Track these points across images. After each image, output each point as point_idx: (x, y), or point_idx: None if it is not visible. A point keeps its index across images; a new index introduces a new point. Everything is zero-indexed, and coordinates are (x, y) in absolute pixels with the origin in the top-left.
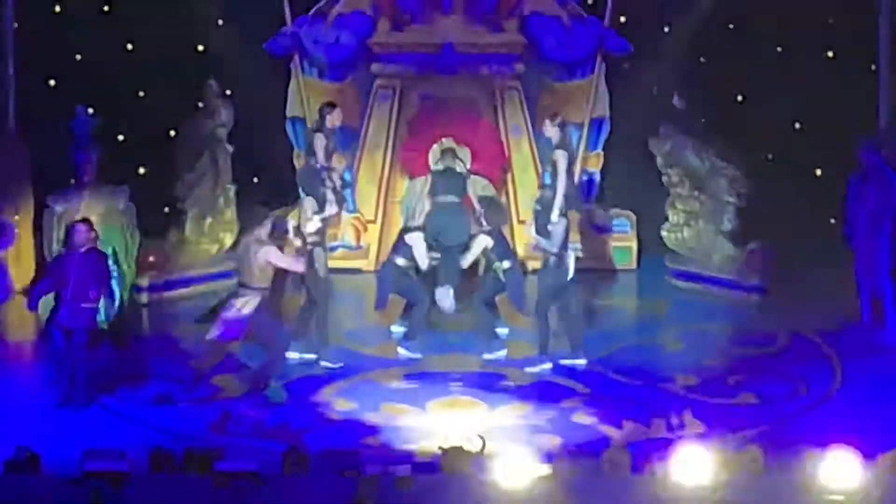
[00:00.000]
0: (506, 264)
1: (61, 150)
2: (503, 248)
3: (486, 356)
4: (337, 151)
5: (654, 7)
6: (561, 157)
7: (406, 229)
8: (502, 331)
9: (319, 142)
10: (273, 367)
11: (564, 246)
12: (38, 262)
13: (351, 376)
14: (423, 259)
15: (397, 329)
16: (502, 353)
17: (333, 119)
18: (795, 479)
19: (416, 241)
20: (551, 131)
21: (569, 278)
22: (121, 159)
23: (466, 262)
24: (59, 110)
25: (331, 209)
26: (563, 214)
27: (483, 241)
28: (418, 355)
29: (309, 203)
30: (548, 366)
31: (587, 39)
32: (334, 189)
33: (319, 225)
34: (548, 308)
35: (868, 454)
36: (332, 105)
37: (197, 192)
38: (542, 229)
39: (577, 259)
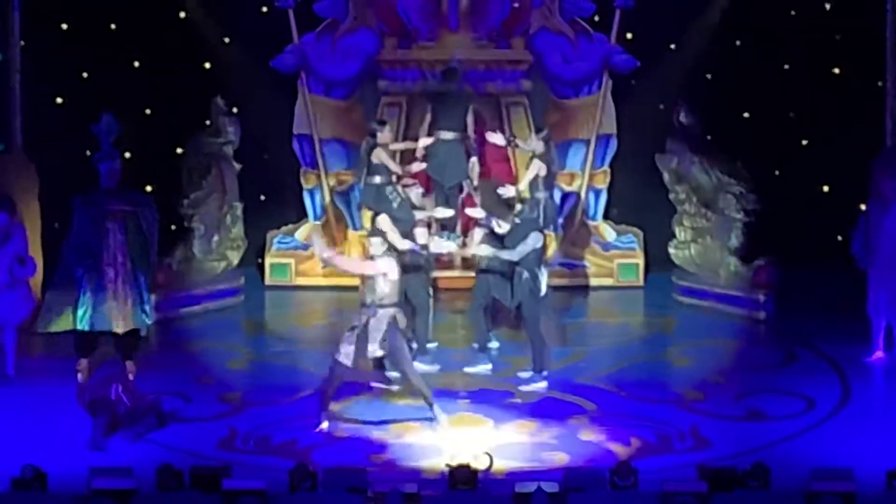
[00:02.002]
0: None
1: (68, 166)
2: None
3: (468, 370)
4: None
5: (660, 24)
6: (537, 167)
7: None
8: (492, 345)
9: (384, 155)
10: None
11: (538, 263)
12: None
13: (358, 393)
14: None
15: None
16: (486, 368)
17: (384, 137)
18: None
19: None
20: (534, 144)
21: (542, 294)
22: (128, 176)
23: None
24: (66, 128)
25: (445, 212)
26: (538, 229)
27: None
28: (435, 367)
29: (384, 219)
30: (542, 384)
31: (594, 56)
32: (407, 200)
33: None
34: (536, 323)
35: (875, 472)
36: (382, 122)
37: (204, 210)
38: (514, 242)
39: (585, 276)
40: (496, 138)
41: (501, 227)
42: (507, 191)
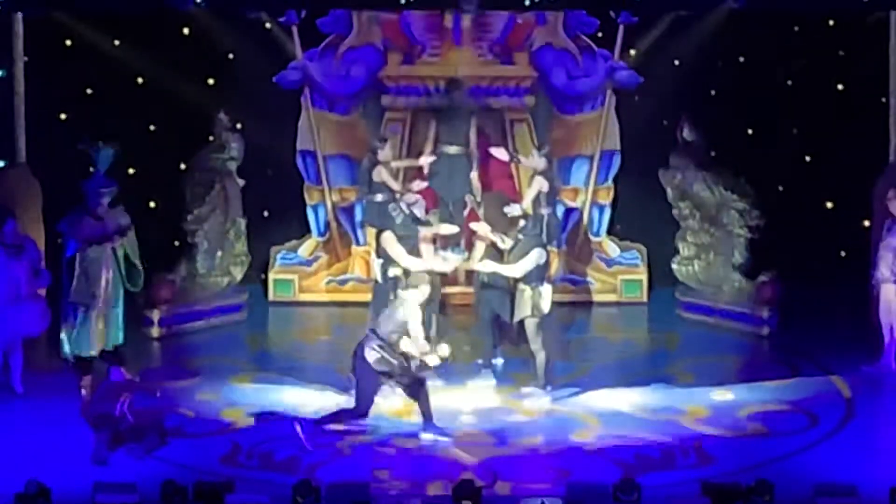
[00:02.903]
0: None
1: (72, 183)
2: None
3: (471, 384)
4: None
5: (664, 40)
6: (539, 184)
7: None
8: (497, 361)
9: (385, 173)
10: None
11: (540, 279)
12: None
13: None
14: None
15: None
16: (490, 383)
17: (385, 154)
18: None
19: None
20: (536, 160)
21: (546, 311)
22: (131, 192)
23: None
24: (69, 143)
25: (450, 228)
26: (541, 245)
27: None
28: (438, 382)
29: (388, 237)
30: (546, 399)
31: (597, 72)
32: (410, 217)
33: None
34: (540, 339)
35: (878, 488)
36: (383, 140)
37: (207, 226)
38: (516, 258)
39: (588, 291)
40: (499, 153)
41: (504, 243)
42: (513, 209)
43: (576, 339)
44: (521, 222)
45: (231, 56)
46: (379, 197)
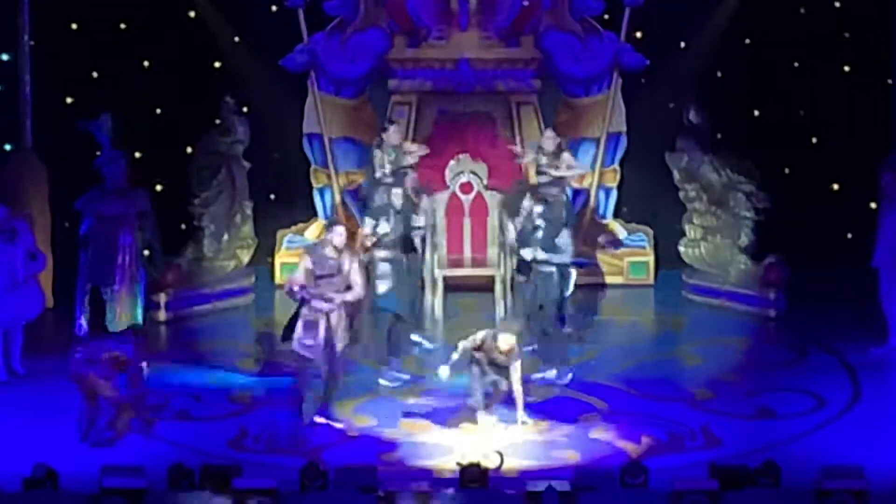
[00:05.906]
0: None
1: (78, 167)
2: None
3: (536, 376)
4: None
5: (670, 22)
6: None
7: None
8: None
9: (378, 157)
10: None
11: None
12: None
13: (368, 392)
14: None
15: (416, 339)
16: (552, 374)
17: (390, 136)
18: None
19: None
20: (549, 143)
21: (569, 292)
22: (137, 176)
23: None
24: (76, 127)
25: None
26: (566, 226)
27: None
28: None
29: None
30: (569, 376)
31: (603, 55)
32: (394, 205)
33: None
34: (559, 321)
35: (886, 470)
36: (390, 122)
37: (214, 209)
38: (549, 243)
39: (595, 273)
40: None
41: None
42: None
43: (584, 320)
44: (539, 207)
45: (237, 39)
46: (378, 176)
